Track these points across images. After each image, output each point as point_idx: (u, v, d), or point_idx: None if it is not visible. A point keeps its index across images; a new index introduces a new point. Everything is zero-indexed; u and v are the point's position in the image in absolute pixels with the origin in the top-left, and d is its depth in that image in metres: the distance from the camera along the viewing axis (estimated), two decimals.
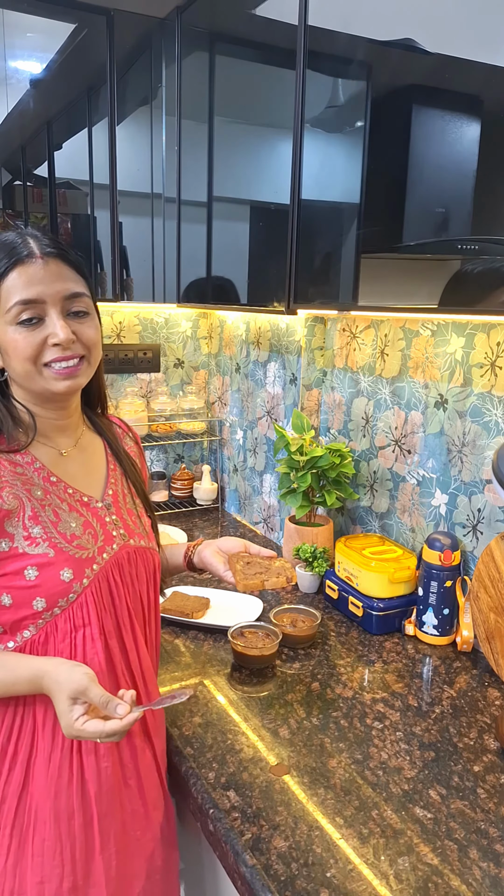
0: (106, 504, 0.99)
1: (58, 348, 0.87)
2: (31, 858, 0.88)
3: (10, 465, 0.90)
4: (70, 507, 0.93)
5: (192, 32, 1.71)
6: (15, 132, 1.69)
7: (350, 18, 1.19)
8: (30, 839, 0.88)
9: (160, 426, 2.18)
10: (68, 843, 0.89)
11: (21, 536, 0.87)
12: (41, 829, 0.88)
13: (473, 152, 0.99)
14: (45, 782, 0.88)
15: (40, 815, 0.88)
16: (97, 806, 0.91)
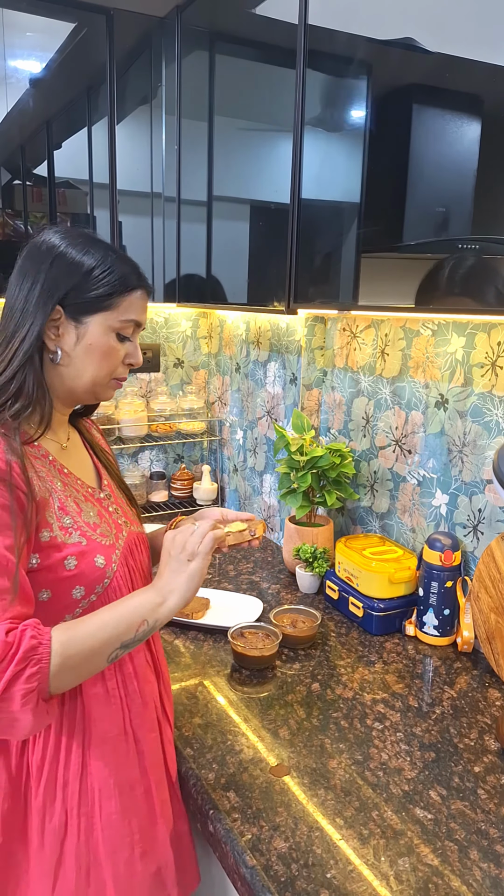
0: (106, 494, 1.01)
1: (128, 367, 0.97)
2: (101, 832, 0.91)
3: (32, 458, 0.90)
4: (85, 497, 0.96)
5: (191, 31, 1.71)
6: (14, 131, 1.69)
7: (350, 18, 1.19)
8: (97, 815, 0.91)
9: (160, 426, 2.18)
10: (134, 813, 0.94)
11: (57, 526, 0.87)
12: (107, 805, 0.92)
13: (474, 151, 0.99)
14: (105, 761, 0.92)
15: (104, 791, 0.91)
16: (152, 775, 0.97)
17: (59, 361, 0.91)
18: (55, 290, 0.88)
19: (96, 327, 0.91)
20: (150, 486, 2.25)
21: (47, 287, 0.88)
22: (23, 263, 0.90)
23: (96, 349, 0.91)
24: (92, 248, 0.90)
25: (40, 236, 0.91)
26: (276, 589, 1.65)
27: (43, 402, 0.89)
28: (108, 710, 0.93)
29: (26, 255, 0.91)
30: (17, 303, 0.88)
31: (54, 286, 0.88)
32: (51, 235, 0.91)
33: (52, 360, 0.90)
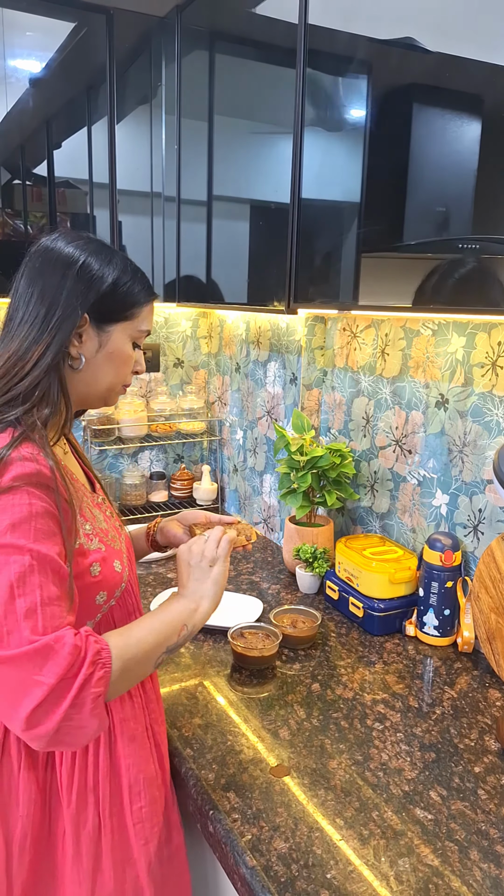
0: (102, 498, 1.02)
1: (134, 375, 1.00)
2: (133, 827, 0.95)
3: None
4: (91, 502, 0.96)
5: (191, 31, 1.71)
6: (14, 131, 1.68)
7: (350, 17, 1.19)
8: (128, 812, 0.94)
9: (160, 426, 2.18)
10: (158, 804, 0.98)
11: (82, 533, 0.88)
12: (136, 801, 0.95)
13: (474, 151, 0.99)
14: (133, 759, 0.95)
15: (134, 788, 0.95)
16: (164, 765, 1.02)
17: (80, 368, 0.91)
18: (82, 299, 0.88)
19: (118, 336, 0.93)
20: (150, 486, 2.25)
21: (74, 296, 0.88)
22: (37, 271, 0.89)
23: (116, 357, 0.94)
24: (113, 259, 0.92)
25: (52, 244, 0.90)
26: (276, 589, 1.65)
27: (64, 408, 0.89)
28: (133, 709, 0.97)
29: (41, 263, 0.89)
30: (33, 309, 0.87)
31: (81, 296, 0.88)
32: (64, 244, 0.90)
33: (72, 367, 0.91)
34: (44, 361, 0.86)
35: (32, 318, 0.87)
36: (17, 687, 0.73)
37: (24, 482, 0.78)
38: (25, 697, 0.72)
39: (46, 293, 0.87)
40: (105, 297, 0.90)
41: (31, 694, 0.72)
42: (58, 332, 0.86)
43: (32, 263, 0.90)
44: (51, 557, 0.78)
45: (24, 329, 0.87)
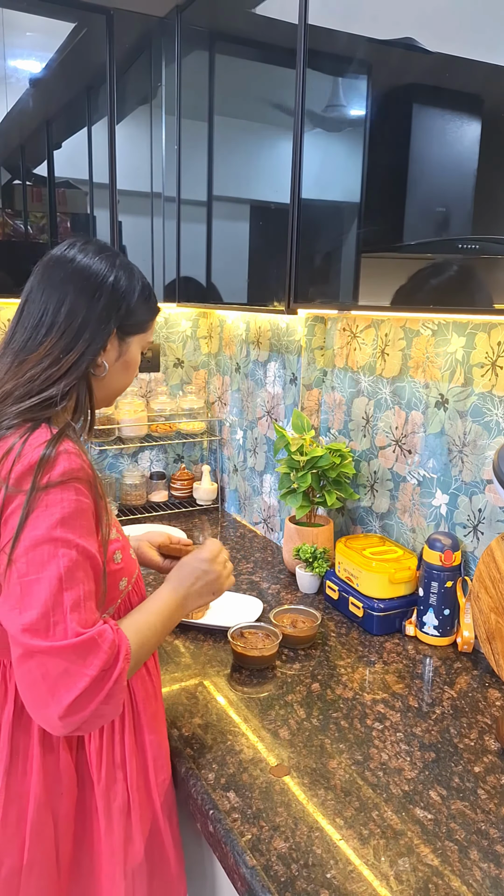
0: None
1: None
2: (158, 799, 1.01)
3: None
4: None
5: (191, 31, 1.71)
6: (14, 131, 1.68)
7: (350, 17, 1.19)
8: (153, 784, 1.01)
9: (160, 426, 2.18)
10: (171, 774, 1.05)
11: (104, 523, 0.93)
12: (160, 773, 1.02)
13: (474, 151, 0.99)
14: (157, 735, 1.01)
15: (158, 762, 1.01)
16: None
17: (102, 375, 0.97)
18: (115, 314, 0.95)
19: (135, 346, 1.01)
20: (150, 486, 2.25)
21: (107, 311, 0.94)
22: (63, 281, 0.92)
23: (130, 364, 1.01)
24: (135, 274, 0.98)
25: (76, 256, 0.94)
26: (276, 589, 1.65)
27: (89, 412, 0.96)
28: (153, 687, 1.04)
29: (67, 274, 0.93)
30: (64, 319, 0.91)
31: (114, 311, 0.95)
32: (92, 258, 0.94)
33: (94, 374, 0.96)
34: (77, 368, 0.91)
35: (64, 327, 0.91)
36: (60, 677, 0.77)
37: (72, 477, 0.82)
38: (68, 687, 0.77)
39: (79, 306, 0.92)
40: (128, 311, 0.97)
41: (74, 684, 0.77)
42: (91, 343, 0.92)
43: (54, 273, 0.93)
44: (92, 553, 0.83)
45: (54, 336, 0.91)
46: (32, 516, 0.80)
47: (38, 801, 0.91)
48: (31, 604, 0.78)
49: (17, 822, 0.91)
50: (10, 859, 0.90)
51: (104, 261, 0.94)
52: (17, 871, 0.91)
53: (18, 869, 0.91)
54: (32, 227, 1.76)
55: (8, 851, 0.90)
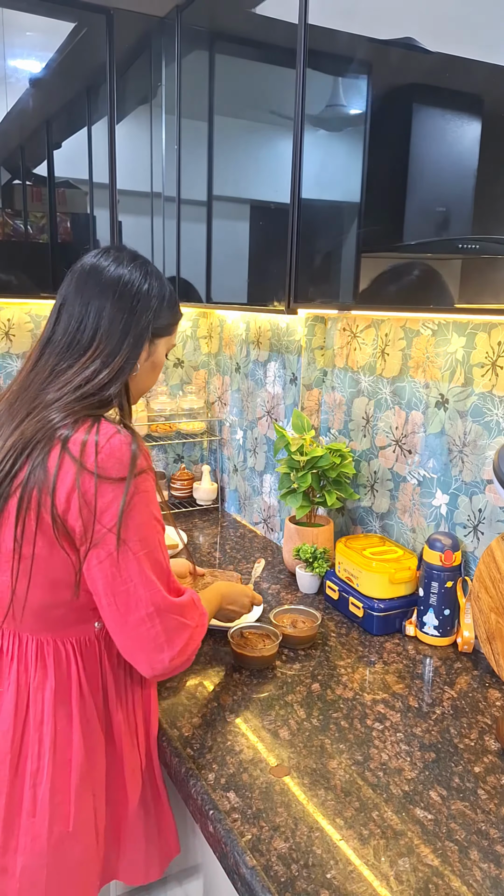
0: None
1: None
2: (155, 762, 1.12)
3: None
4: None
5: (191, 31, 1.71)
6: (14, 131, 1.68)
7: (350, 17, 1.19)
8: (155, 754, 1.12)
9: (160, 426, 2.18)
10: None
11: None
12: (155, 724, 1.13)
13: (474, 151, 0.99)
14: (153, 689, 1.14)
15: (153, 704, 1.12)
16: None
17: (135, 374, 1.04)
18: (153, 318, 1.03)
19: (162, 347, 1.09)
20: None
21: (144, 316, 1.02)
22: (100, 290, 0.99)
23: (157, 365, 1.10)
24: (162, 280, 1.06)
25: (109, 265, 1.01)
26: (276, 589, 1.65)
27: (129, 409, 1.05)
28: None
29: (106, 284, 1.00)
30: (110, 326, 0.99)
31: (148, 315, 1.02)
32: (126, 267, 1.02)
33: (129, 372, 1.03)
34: (124, 371, 1.00)
35: (109, 333, 0.99)
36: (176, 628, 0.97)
37: (149, 466, 0.96)
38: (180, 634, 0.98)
39: (120, 312, 1.00)
40: (158, 315, 1.04)
41: (183, 633, 0.98)
42: (134, 346, 1.01)
43: (90, 281, 1.00)
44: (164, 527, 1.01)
45: (100, 341, 0.99)
46: (135, 501, 0.92)
47: (80, 770, 0.98)
48: (153, 570, 0.95)
49: (63, 791, 0.97)
50: (58, 826, 0.96)
51: (137, 269, 1.02)
52: (65, 837, 0.96)
53: (66, 835, 0.96)
54: (32, 227, 1.76)
55: (56, 818, 0.96)
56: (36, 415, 0.94)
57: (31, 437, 0.91)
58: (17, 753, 0.96)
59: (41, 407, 0.95)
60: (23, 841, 0.94)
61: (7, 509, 0.91)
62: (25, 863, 0.94)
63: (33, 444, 0.91)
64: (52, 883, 0.95)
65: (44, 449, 0.90)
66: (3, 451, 0.92)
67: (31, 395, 0.97)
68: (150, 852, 1.10)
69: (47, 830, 0.94)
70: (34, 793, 0.95)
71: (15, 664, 0.98)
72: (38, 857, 0.94)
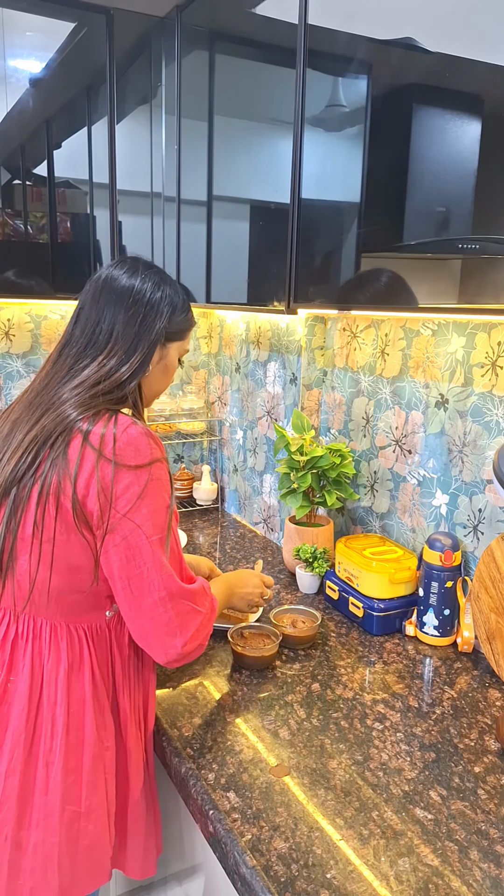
0: None
1: None
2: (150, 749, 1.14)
3: None
4: None
5: (191, 31, 1.71)
6: (14, 131, 1.68)
7: (350, 17, 1.19)
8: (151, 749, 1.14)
9: (160, 426, 2.18)
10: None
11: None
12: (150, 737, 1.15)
13: (474, 151, 0.99)
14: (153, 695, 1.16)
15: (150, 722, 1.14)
16: None
17: (148, 374, 1.09)
18: (166, 323, 1.09)
19: (174, 351, 1.13)
20: None
21: (159, 320, 1.08)
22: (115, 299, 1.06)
23: (169, 368, 1.14)
24: (175, 287, 1.12)
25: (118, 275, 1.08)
26: (276, 589, 1.65)
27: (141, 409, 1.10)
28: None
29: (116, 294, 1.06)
30: (126, 330, 1.05)
31: (166, 320, 1.08)
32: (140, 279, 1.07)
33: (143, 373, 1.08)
34: (139, 371, 1.06)
35: (130, 338, 1.05)
36: (188, 613, 1.01)
37: (163, 456, 1.01)
38: (193, 620, 1.01)
39: (137, 318, 1.06)
40: (171, 320, 1.10)
41: (195, 619, 1.02)
42: (148, 348, 1.07)
43: (104, 290, 1.07)
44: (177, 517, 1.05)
45: (119, 343, 1.05)
46: (149, 488, 0.96)
47: (93, 752, 1.00)
48: (168, 558, 0.99)
49: (76, 770, 0.99)
50: (71, 805, 0.98)
51: (150, 279, 1.08)
52: (77, 816, 0.98)
53: (78, 814, 0.98)
54: (32, 227, 1.76)
55: (70, 798, 0.98)
56: (55, 409, 1.00)
57: (52, 430, 0.97)
58: (31, 733, 0.98)
59: (59, 403, 1.00)
60: (36, 818, 0.96)
61: (30, 498, 0.96)
62: (38, 839, 0.96)
63: (55, 437, 0.97)
64: (63, 861, 0.97)
65: (65, 440, 0.96)
66: (25, 443, 0.98)
67: (50, 392, 1.03)
68: (148, 847, 1.12)
69: (59, 809, 0.96)
70: (47, 771, 0.97)
71: (30, 647, 1.00)
72: (50, 835, 0.96)
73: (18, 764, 0.97)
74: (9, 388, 2.09)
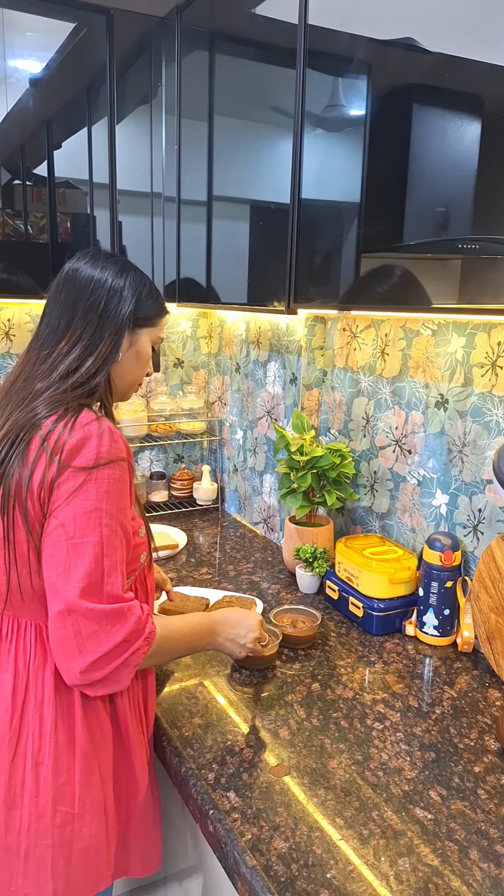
0: None
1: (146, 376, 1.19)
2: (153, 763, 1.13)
3: None
4: None
5: (191, 31, 1.71)
6: (14, 131, 1.68)
7: (350, 17, 1.19)
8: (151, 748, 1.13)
9: (160, 426, 2.18)
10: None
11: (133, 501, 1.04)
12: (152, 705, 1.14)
13: (474, 151, 0.99)
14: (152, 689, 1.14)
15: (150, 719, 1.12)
16: None
17: (118, 360, 1.07)
18: (128, 308, 1.07)
19: (144, 338, 1.12)
20: (150, 486, 2.25)
21: (125, 307, 1.07)
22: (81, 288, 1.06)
23: (142, 355, 1.12)
24: (139, 275, 1.10)
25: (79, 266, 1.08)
26: (276, 589, 1.65)
27: (111, 397, 1.09)
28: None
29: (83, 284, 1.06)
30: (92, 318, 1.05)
31: (131, 307, 1.07)
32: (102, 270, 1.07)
33: (113, 361, 1.07)
34: (109, 358, 1.05)
35: (94, 325, 1.05)
36: (90, 637, 0.90)
37: (119, 457, 0.95)
38: (95, 647, 0.90)
39: (98, 305, 1.05)
40: (139, 306, 1.09)
41: (100, 646, 0.90)
42: (115, 335, 1.06)
43: (68, 283, 1.07)
44: (126, 527, 0.97)
45: (87, 332, 1.04)
46: (85, 487, 0.92)
47: (85, 751, 0.98)
48: (77, 564, 0.91)
49: (68, 770, 0.97)
50: (63, 807, 0.96)
51: (110, 267, 1.07)
52: (71, 819, 0.96)
53: (71, 816, 0.96)
54: (32, 227, 1.76)
55: (61, 799, 0.96)
56: (26, 405, 0.99)
57: (19, 428, 0.96)
58: (16, 734, 0.96)
59: (31, 398, 0.99)
60: (27, 821, 0.94)
61: None
62: (30, 842, 0.94)
63: (19, 437, 0.96)
64: (57, 864, 0.95)
65: (25, 440, 0.95)
66: None
67: (19, 386, 1.02)
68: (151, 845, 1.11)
69: (51, 810, 0.94)
70: (36, 773, 0.95)
71: (13, 648, 0.98)
72: (42, 838, 0.94)
73: (4, 765, 0.94)
74: None
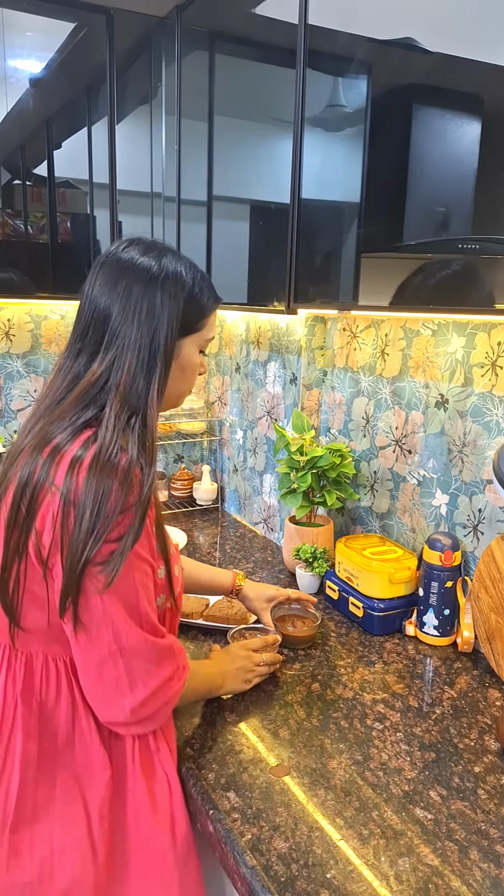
0: None
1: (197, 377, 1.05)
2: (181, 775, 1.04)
3: None
4: None
5: (191, 31, 1.71)
6: (14, 131, 1.69)
7: (350, 17, 1.19)
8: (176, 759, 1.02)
9: (160, 426, 2.18)
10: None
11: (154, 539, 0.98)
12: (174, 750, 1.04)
13: (474, 151, 0.99)
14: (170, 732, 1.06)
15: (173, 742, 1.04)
16: None
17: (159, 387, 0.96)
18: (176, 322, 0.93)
19: (188, 348, 0.98)
20: None
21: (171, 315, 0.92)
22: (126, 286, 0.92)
23: (187, 367, 0.99)
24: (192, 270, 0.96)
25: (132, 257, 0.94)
26: None
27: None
28: None
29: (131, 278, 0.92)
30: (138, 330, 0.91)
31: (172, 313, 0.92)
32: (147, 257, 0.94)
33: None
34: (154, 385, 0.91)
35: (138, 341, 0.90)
36: (141, 674, 0.88)
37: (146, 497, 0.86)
38: (145, 683, 0.88)
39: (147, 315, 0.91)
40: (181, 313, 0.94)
41: (150, 682, 0.89)
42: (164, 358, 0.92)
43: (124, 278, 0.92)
44: (154, 568, 0.92)
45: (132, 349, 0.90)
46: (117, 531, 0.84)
47: (64, 786, 0.92)
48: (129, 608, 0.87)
49: (46, 805, 0.91)
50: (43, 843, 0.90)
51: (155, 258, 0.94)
52: (51, 856, 0.90)
53: (51, 853, 0.90)
54: (32, 227, 1.76)
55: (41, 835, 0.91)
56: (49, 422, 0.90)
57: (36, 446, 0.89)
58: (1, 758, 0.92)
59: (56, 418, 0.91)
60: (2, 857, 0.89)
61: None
62: (6, 882, 0.88)
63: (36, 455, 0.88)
64: None
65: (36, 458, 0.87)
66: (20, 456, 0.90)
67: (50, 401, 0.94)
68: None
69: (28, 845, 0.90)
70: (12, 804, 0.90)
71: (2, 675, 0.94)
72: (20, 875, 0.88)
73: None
74: (9, 388, 2.09)
